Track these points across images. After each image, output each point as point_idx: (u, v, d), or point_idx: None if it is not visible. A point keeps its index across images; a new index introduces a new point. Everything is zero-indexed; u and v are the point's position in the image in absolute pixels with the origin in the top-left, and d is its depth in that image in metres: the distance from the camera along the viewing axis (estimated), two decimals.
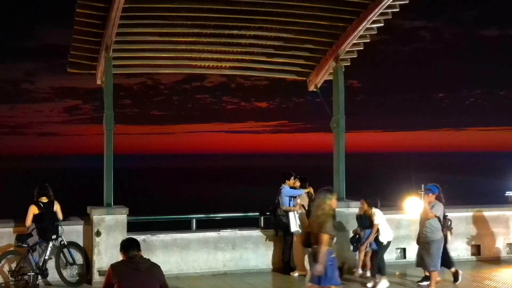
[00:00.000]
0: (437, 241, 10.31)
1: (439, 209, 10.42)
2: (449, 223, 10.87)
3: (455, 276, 11.02)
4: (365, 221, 11.01)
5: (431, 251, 10.29)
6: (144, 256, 6.27)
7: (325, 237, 8.04)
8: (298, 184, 11.92)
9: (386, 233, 10.94)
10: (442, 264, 10.68)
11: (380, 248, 10.89)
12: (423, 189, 10.69)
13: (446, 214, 10.85)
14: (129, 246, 6.18)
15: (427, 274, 10.69)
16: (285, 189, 11.70)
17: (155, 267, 6.24)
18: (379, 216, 10.90)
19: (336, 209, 11.86)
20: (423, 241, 10.44)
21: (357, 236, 11.16)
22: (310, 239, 8.37)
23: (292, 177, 11.89)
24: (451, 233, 11.04)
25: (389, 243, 11.00)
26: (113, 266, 6.14)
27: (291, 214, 11.49)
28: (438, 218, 10.43)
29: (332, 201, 8.34)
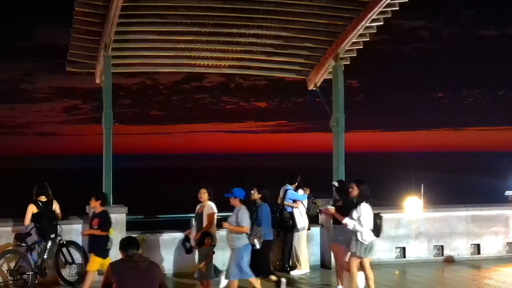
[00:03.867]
0: (239, 250, 9.36)
1: (245, 215, 9.36)
2: (256, 232, 9.60)
3: (278, 284, 10.22)
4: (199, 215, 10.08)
5: (231, 260, 9.43)
6: (143, 255, 6.26)
7: None
8: (296, 185, 11.91)
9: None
10: (258, 274, 9.77)
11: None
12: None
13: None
14: (128, 245, 6.16)
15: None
16: (290, 192, 11.68)
17: (154, 266, 6.22)
18: (211, 209, 9.91)
19: None
20: (230, 249, 9.56)
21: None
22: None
23: (297, 181, 11.84)
24: (259, 241, 9.65)
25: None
26: (112, 265, 6.12)
27: (295, 211, 11.52)
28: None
29: None
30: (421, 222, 12.87)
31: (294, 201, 11.61)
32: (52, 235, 10.46)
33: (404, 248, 12.76)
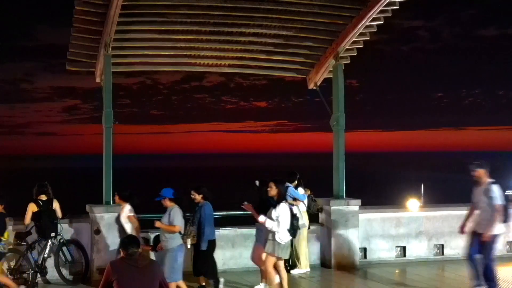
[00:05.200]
0: (172, 250, 9.19)
1: (177, 215, 9.24)
2: (189, 231, 9.64)
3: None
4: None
5: (165, 261, 9.13)
6: (143, 254, 6.27)
7: None
8: (296, 183, 11.89)
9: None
10: (201, 274, 9.97)
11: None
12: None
13: (189, 219, 9.79)
14: (128, 243, 6.17)
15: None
16: (291, 189, 11.68)
17: (154, 264, 6.24)
18: (127, 212, 9.79)
19: (336, 207, 12.01)
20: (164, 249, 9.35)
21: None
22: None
23: (296, 179, 11.84)
24: (193, 240, 9.71)
25: None
26: (112, 263, 6.13)
27: (295, 209, 11.51)
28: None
29: None
30: (421, 221, 12.86)
31: (294, 199, 11.61)
32: (52, 234, 10.46)
33: (404, 247, 12.75)
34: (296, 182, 11.75)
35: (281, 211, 9.30)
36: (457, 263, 12.47)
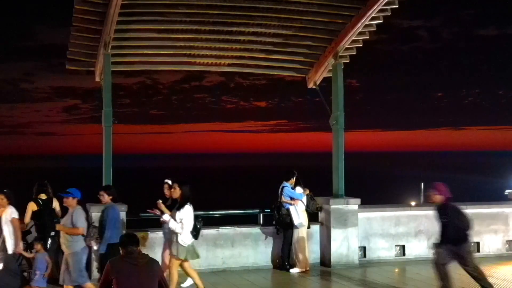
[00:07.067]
0: (77, 253, 8.99)
1: (81, 217, 9.06)
2: (92, 233, 9.39)
3: None
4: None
5: (71, 265, 8.97)
6: (143, 252, 6.27)
7: None
8: (293, 181, 11.90)
9: (10, 241, 9.42)
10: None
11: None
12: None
13: (93, 221, 9.89)
14: (128, 242, 6.18)
15: None
16: (287, 189, 11.67)
17: (154, 263, 6.24)
18: (13, 214, 9.44)
19: (335, 206, 12.03)
20: (66, 252, 9.12)
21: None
22: None
23: (294, 177, 11.84)
24: (96, 242, 9.58)
25: (15, 255, 9.47)
26: (112, 262, 6.14)
27: (292, 208, 11.52)
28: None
29: None
30: (421, 220, 12.86)
31: (292, 198, 11.62)
32: (52, 233, 10.45)
33: (403, 246, 12.76)
34: (293, 180, 11.76)
35: (185, 214, 9.23)
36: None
